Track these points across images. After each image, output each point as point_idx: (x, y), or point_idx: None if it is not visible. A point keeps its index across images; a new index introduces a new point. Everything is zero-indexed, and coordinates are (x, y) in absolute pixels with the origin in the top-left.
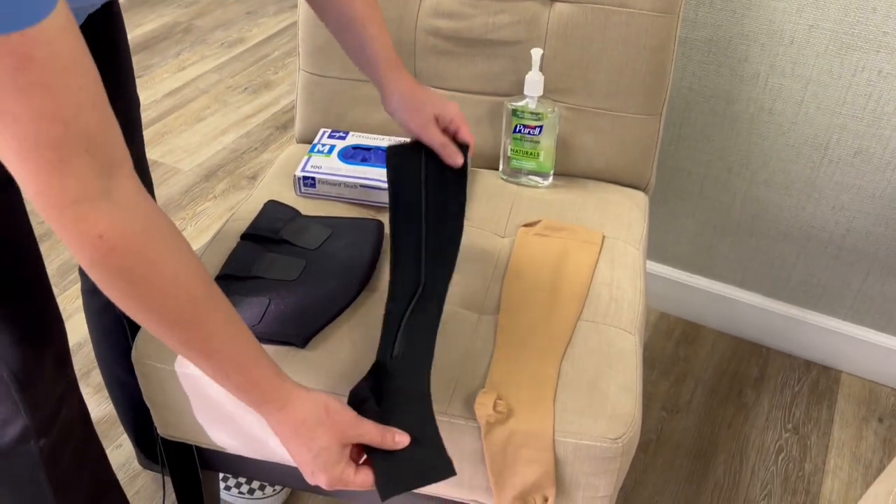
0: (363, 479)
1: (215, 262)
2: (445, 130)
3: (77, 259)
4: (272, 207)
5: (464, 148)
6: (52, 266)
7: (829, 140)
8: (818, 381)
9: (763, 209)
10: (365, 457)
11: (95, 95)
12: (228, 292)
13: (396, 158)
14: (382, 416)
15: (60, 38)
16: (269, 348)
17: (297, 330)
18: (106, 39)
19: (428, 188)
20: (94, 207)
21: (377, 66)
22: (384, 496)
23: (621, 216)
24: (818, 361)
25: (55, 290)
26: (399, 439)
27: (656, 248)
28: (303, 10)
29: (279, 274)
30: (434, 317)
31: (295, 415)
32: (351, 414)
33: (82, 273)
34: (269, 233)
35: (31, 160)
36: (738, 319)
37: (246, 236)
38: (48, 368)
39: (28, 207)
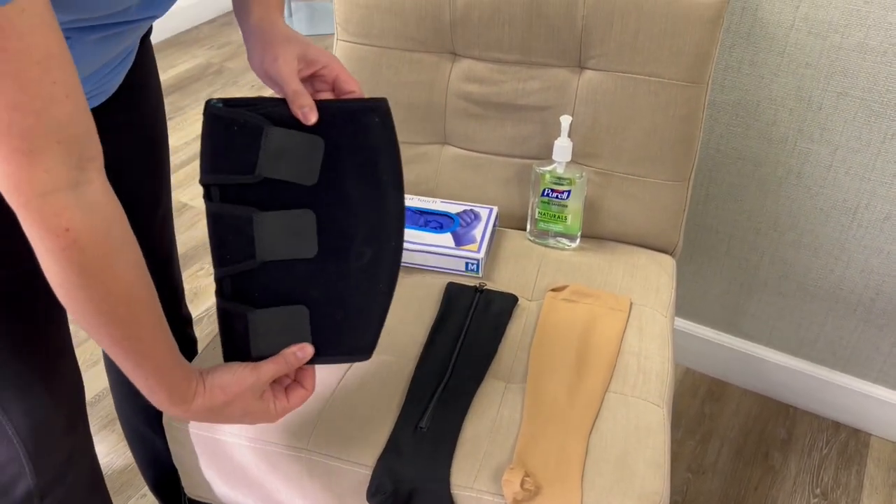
0: (297, 398)
1: None
2: (315, 78)
3: (32, 243)
4: (218, 120)
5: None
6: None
7: (859, 204)
8: (847, 444)
9: (791, 269)
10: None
11: (70, 88)
12: (246, 308)
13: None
14: (398, 503)
15: (35, 32)
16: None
17: (358, 341)
18: (137, 84)
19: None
20: (63, 200)
21: (247, 5)
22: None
23: (649, 281)
24: (847, 423)
25: (76, 340)
26: (300, 354)
27: (683, 305)
28: None
29: (293, 249)
30: (469, 390)
31: (201, 407)
32: (244, 374)
33: None
34: (243, 172)
35: (3, 146)
36: (764, 378)
37: (209, 186)
38: (57, 432)
39: None
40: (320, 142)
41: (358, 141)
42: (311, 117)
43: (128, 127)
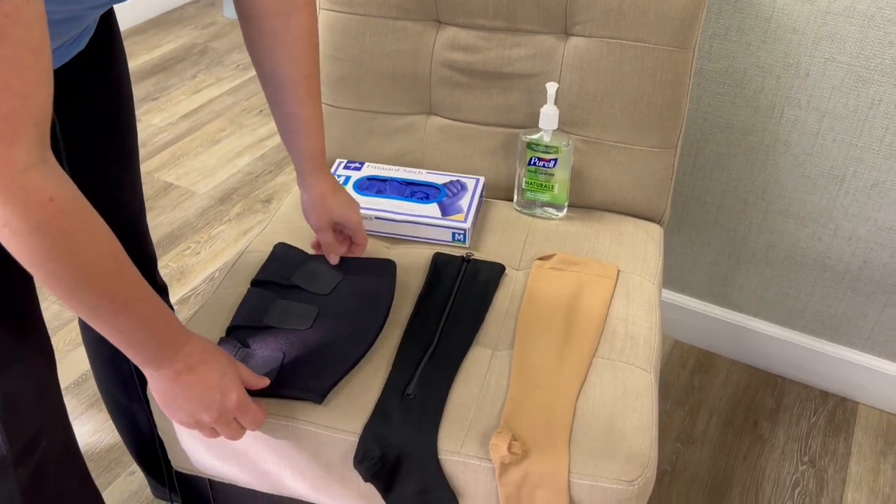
0: (259, 410)
1: (227, 307)
2: (343, 233)
3: (11, 226)
4: (282, 251)
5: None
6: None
7: (846, 172)
8: (835, 412)
9: (779, 239)
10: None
11: (49, 75)
12: (241, 344)
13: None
14: (386, 469)
15: (36, 22)
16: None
17: (315, 385)
18: (103, 47)
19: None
20: (41, 174)
21: (301, 166)
22: None
23: (636, 249)
24: (835, 392)
25: (59, 322)
26: (263, 382)
27: (671, 277)
28: (320, 42)
29: (292, 323)
30: (456, 358)
31: (198, 346)
32: (224, 351)
33: None
34: (280, 279)
35: None
36: (753, 349)
37: (256, 283)
38: (29, 401)
39: None
40: (340, 275)
41: (366, 279)
42: (334, 260)
43: (96, 90)
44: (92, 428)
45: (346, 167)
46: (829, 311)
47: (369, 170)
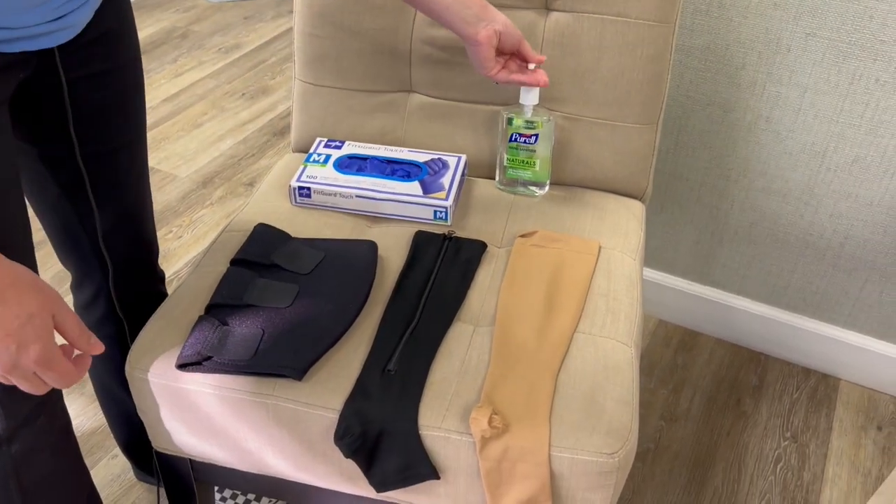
0: (68, 366)
1: (206, 286)
2: (504, 53)
3: None
4: (262, 231)
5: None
6: (44, 277)
7: (827, 148)
8: (817, 388)
9: (761, 217)
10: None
11: None
12: (220, 322)
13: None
14: (367, 445)
15: None
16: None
17: (294, 362)
18: (114, 32)
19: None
20: None
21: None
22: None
23: (618, 226)
24: (817, 369)
25: None
26: (94, 347)
27: (654, 256)
28: (298, 19)
29: (272, 301)
30: (437, 334)
31: (5, 274)
32: (56, 291)
33: (74, 288)
34: (260, 258)
35: None
36: (736, 327)
37: (236, 262)
38: None
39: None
40: (321, 254)
41: (347, 259)
42: (535, 80)
43: (106, 76)
44: (75, 411)
45: (326, 146)
46: (810, 287)
47: (350, 148)
